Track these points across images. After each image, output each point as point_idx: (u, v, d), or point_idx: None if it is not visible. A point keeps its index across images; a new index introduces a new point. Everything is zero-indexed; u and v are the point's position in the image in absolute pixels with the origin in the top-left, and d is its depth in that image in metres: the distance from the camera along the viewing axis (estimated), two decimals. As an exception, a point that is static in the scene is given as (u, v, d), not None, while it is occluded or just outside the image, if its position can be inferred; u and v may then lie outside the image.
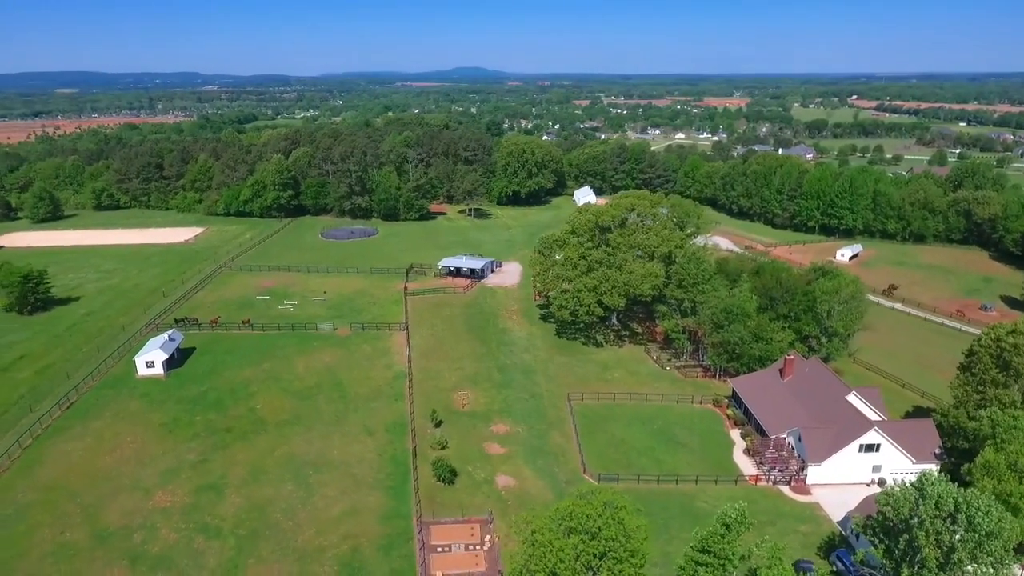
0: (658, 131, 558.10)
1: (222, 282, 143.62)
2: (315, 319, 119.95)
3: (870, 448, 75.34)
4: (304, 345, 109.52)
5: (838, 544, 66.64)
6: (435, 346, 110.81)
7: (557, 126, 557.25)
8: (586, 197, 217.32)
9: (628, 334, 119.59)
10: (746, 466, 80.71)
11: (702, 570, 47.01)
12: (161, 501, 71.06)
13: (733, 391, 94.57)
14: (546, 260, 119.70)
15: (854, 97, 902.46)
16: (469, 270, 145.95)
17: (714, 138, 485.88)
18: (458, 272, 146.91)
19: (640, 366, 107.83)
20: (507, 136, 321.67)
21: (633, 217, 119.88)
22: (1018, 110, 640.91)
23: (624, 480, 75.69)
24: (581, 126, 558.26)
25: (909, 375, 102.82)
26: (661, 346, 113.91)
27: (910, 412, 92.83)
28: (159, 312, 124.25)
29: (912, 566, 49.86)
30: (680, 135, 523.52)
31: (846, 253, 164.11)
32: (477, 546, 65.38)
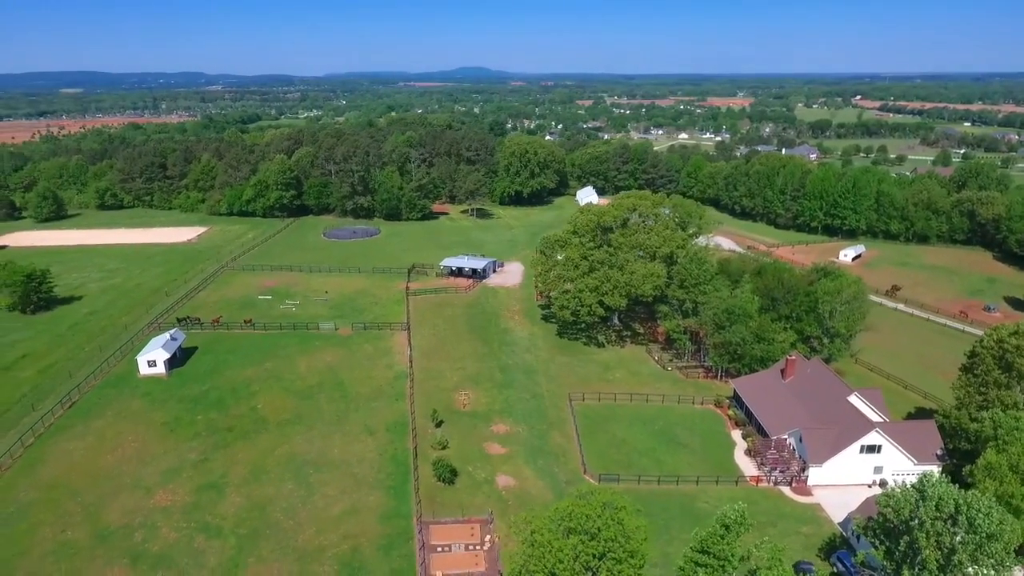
0: (661, 131, 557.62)
1: (224, 282, 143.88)
2: (317, 319, 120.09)
3: (871, 449, 75.14)
4: (306, 345, 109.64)
5: (839, 545, 66.47)
6: (436, 346, 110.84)
7: (560, 126, 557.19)
8: (588, 197, 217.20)
9: (629, 334, 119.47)
10: (747, 467, 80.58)
11: (701, 571, 46.91)
12: (162, 500, 71.21)
13: (734, 392, 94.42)
14: (548, 260, 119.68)
15: (858, 97, 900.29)
16: (471, 270, 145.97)
17: (717, 138, 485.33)
18: (460, 272, 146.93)
19: (641, 366, 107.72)
20: (510, 136, 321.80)
21: (635, 217, 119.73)
22: (1023, 110, 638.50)
23: (625, 480, 75.63)
24: (584, 126, 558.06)
25: (911, 376, 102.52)
26: (662, 346, 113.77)
27: (912, 413, 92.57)
28: (161, 311, 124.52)
29: (913, 568, 49.69)
30: (683, 135, 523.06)
31: (849, 254, 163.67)
32: (477, 546, 65.38)
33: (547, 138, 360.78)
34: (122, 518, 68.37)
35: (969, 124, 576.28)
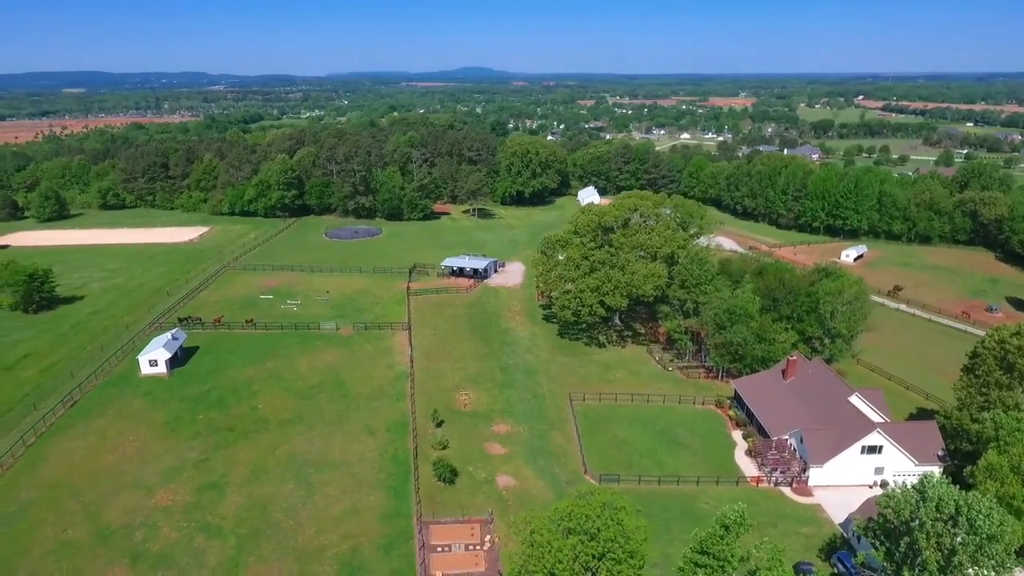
0: (663, 131, 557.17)
1: (226, 281, 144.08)
2: (318, 319, 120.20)
3: (872, 450, 74.99)
4: (307, 344, 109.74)
5: (839, 546, 66.37)
6: (437, 346, 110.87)
7: (562, 126, 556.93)
8: (590, 197, 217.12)
9: (630, 334, 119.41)
10: (748, 467, 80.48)
11: (701, 571, 46.87)
12: (163, 500, 71.32)
13: (735, 392, 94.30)
14: (549, 260, 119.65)
15: (860, 97, 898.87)
16: (472, 270, 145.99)
17: (719, 138, 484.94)
18: (461, 272, 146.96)
19: (642, 367, 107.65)
20: (511, 136, 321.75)
21: (636, 217, 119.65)
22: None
23: (625, 481, 75.57)
24: (586, 126, 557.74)
25: (913, 377, 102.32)
26: (663, 347, 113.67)
27: (913, 414, 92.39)
28: (163, 311, 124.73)
29: (913, 569, 49.61)
30: (685, 135, 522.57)
31: (851, 254, 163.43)
32: (477, 546, 65.37)
33: (549, 138, 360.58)
34: (123, 517, 68.51)
35: (972, 124, 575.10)
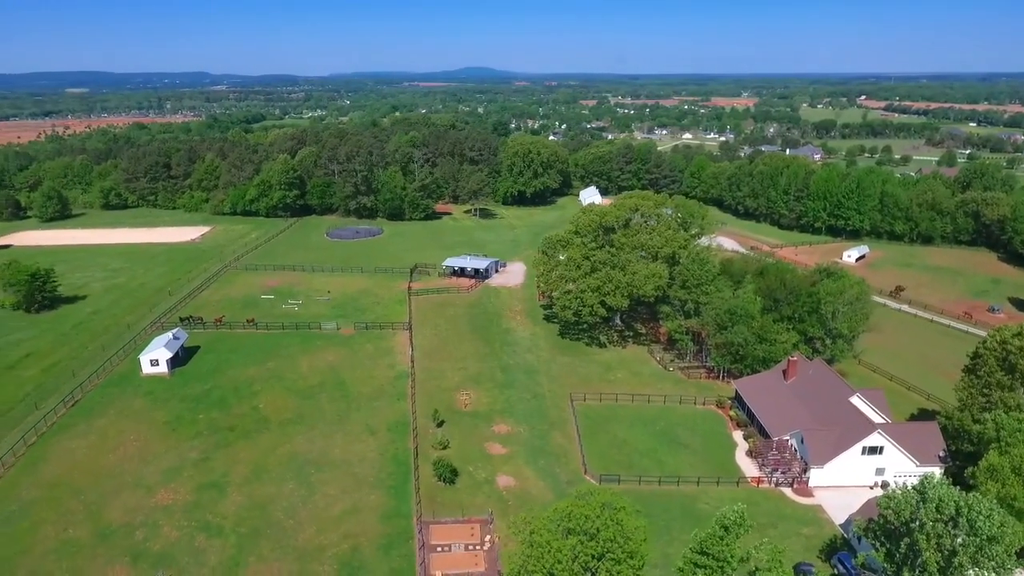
0: (665, 131, 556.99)
1: (227, 281, 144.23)
2: (319, 318, 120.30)
3: (873, 451, 74.85)
4: (308, 344, 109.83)
5: (840, 547, 66.25)
6: (438, 346, 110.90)
7: (564, 126, 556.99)
8: (591, 197, 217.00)
9: (631, 335, 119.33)
10: (748, 468, 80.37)
11: (700, 572, 46.83)
12: (163, 499, 71.42)
13: (736, 392, 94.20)
14: (550, 260, 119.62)
15: (863, 97, 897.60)
16: (473, 270, 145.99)
17: (721, 138, 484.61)
18: (462, 272, 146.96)
19: (643, 367, 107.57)
20: (513, 136, 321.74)
21: (637, 217, 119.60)
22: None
23: (625, 481, 75.51)
24: (588, 126, 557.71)
25: (914, 377, 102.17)
26: (664, 347, 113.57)
27: (915, 414, 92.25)
28: (164, 311, 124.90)
29: (913, 570, 49.54)
30: (687, 135, 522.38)
31: (853, 254, 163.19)
32: (477, 546, 65.37)
33: (551, 138, 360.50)
34: (123, 517, 68.62)
35: (975, 124, 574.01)
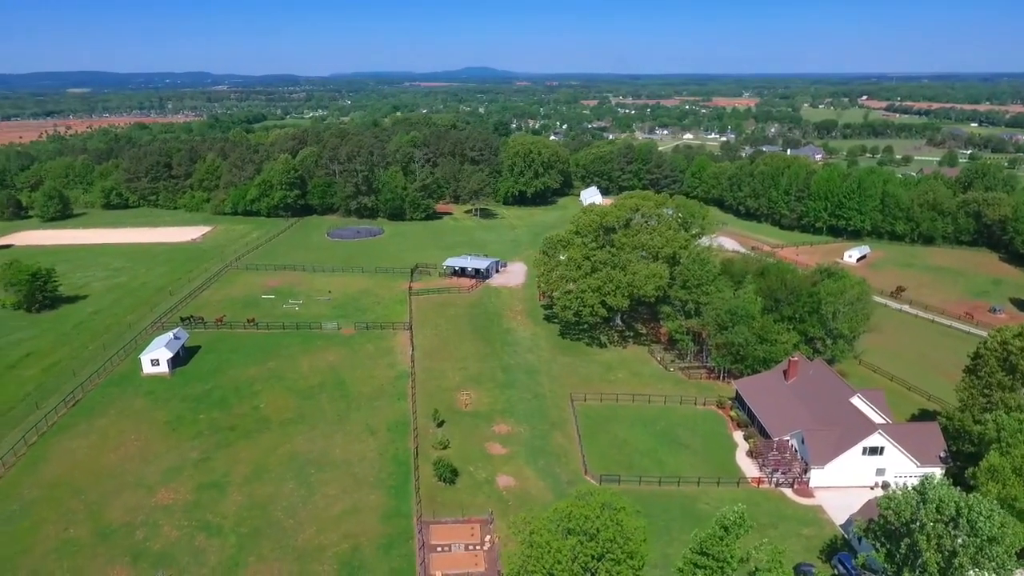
0: (666, 131, 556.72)
1: (228, 281, 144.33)
2: (320, 318, 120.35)
3: (874, 451, 74.79)
4: (308, 344, 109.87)
5: (840, 547, 66.21)
6: (439, 346, 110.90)
7: (565, 126, 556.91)
8: (592, 197, 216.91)
9: (632, 335, 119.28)
10: (749, 468, 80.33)
11: (700, 572, 46.78)
12: (164, 499, 71.47)
13: (736, 393, 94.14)
14: (550, 260, 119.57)
15: (864, 97, 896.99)
16: (474, 270, 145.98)
17: (722, 138, 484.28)
18: (463, 272, 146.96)
19: (643, 367, 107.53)
20: (514, 136, 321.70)
21: (637, 218, 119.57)
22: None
23: (626, 481, 75.48)
24: (589, 126, 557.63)
25: (915, 378, 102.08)
26: (665, 347, 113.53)
27: (915, 415, 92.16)
28: (165, 310, 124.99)
29: (913, 570, 49.47)
30: (688, 135, 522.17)
31: (854, 254, 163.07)
32: (477, 546, 65.37)
33: (552, 138, 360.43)
34: (124, 516, 68.67)
35: (976, 125, 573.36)
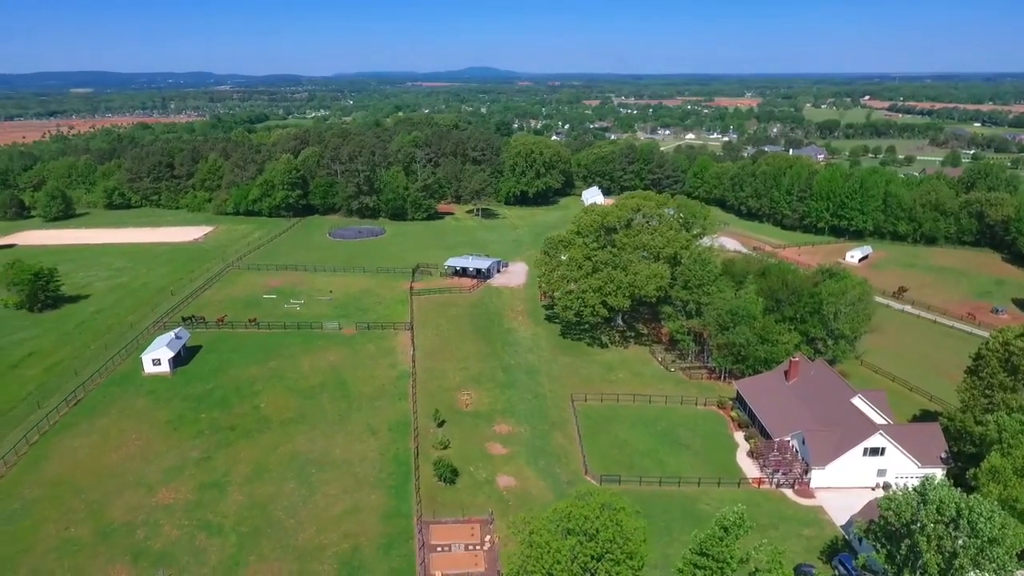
0: (668, 131, 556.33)
1: (230, 281, 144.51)
2: (321, 318, 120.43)
3: (875, 452, 74.66)
4: (309, 344, 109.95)
5: (841, 548, 66.10)
6: (440, 346, 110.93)
7: (567, 126, 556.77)
8: (594, 197, 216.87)
9: (633, 335, 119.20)
10: (749, 469, 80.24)
11: (700, 573, 46.70)
12: (165, 498, 71.59)
13: (737, 393, 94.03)
14: (551, 260, 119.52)
15: (867, 97, 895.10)
16: (475, 270, 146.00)
17: (724, 138, 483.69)
18: (464, 272, 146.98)
19: (644, 367, 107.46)
20: (516, 136, 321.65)
21: (639, 218, 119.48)
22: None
23: (626, 482, 75.44)
24: (591, 126, 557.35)
25: (917, 378, 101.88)
26: (666, 347, 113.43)
27: (917, 416, 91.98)
28: (167, 310, 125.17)
29: (914, 571, 49.36)
30: (690, 135, 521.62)
31: (856, 255, 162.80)
32: (477, 546, 65.37)
33: (553, 138, 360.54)
34: (125, 515, 68.80)
35: (979, 125, 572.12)
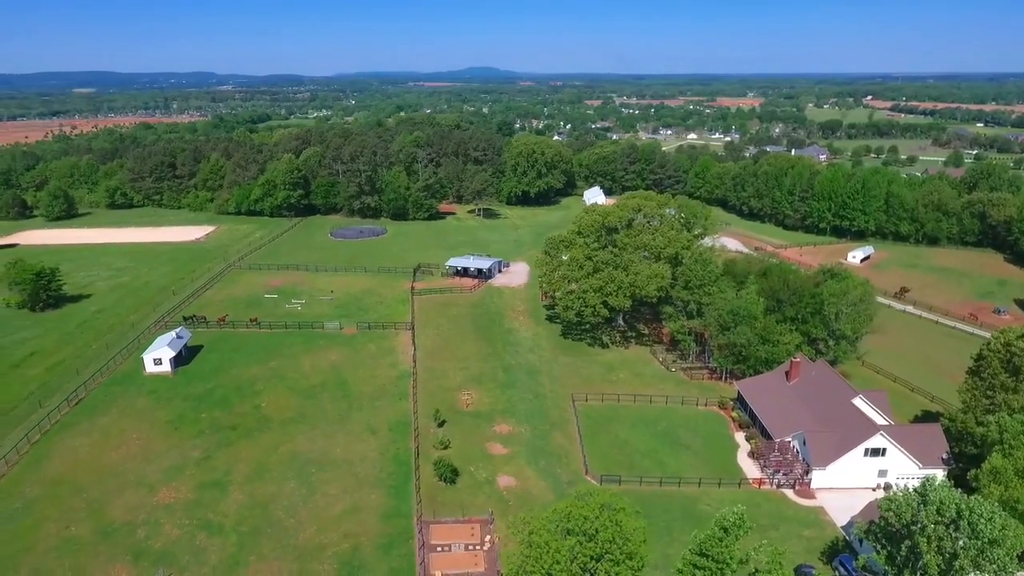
0: (670, 131, 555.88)
1: (231, 280, 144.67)
2: (322, 318, 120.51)
3: (876, 452, 74.52)
4: (310, 344, 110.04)
5: (842, 549, 65.98)
6: (440, 346, 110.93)
7: (569, 126, 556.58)
8: (595, 197, 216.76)
9: (634, 335, 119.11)
10: (750, 469, 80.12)
11: (699, 574, 46.64)
12: (165, 497, 71.67)
13: (738, 393, 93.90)
14: (552, 261, 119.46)
15: (869, 97, 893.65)
16: (476, 270, 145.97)
17: (726, 138, 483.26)
18: (465, 272, 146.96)
19: (645, 367, 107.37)
20: (517, 136, 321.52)
21: (640, 218, 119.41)
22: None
23: (626, 482, 75.38)
24: (593, 126, 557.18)
25: (918, 379, 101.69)
26: (667, 348, 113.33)
27: (918, 416, 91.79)
28: (168, 310, 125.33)
29: (914, 572, 49.25)
30: (692, 135, 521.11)
31: (857, 255, 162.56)
32: (477, 546, 65.36)
33: (555, 138, 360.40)
34: (125, 515, 68.88)
35: (982, 125, 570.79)
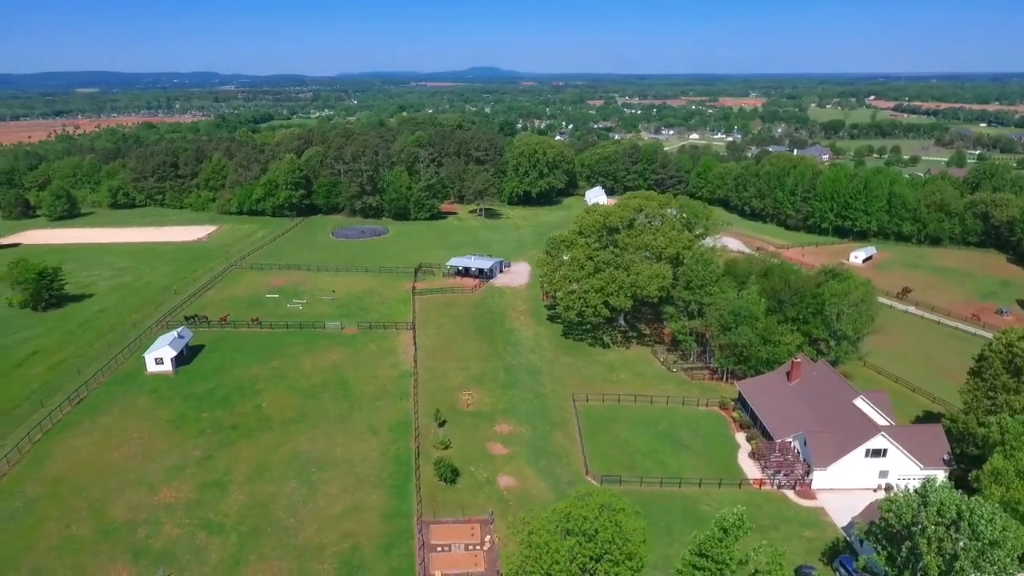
0: (672, 131, 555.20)
1: (232, 280, 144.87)
2: (323, 318, 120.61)
3: (877, 453, 74.39)
4: (311, 343, 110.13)
5: (842, 550, 65.86)
6: (441, 346, 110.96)
7: (571, 126, 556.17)
8: (597, 197, 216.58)
9: (635, 335, 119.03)
10: (751, 470, 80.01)
11: (699, 574, 46.62)
12: (166, 497, 71.80)
13: (739, 394, 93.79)
14: (553, 261, 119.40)
15: (872, 97, 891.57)
16: (477, 270, 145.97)
17: (728, 138, 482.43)
18: (466, 272, 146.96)
19: (646, 368, 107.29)
20: (519, 136, 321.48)
21: (641, 218, 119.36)
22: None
23: (627, 482, 75.32)
24: (595, 126, 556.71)
25: (920, 379, 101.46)
26: (668, 348, 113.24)
27: (920, 417, 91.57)
28: (170, 309, 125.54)
29: (915, 573, 49.18)
30: (694, 135, 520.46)
31: (860, 255, 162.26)
32: (477, 546, 65.37)
33: (557, 138, 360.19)
34: (126, 514, 69.03)
35: (985, 125, 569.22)
